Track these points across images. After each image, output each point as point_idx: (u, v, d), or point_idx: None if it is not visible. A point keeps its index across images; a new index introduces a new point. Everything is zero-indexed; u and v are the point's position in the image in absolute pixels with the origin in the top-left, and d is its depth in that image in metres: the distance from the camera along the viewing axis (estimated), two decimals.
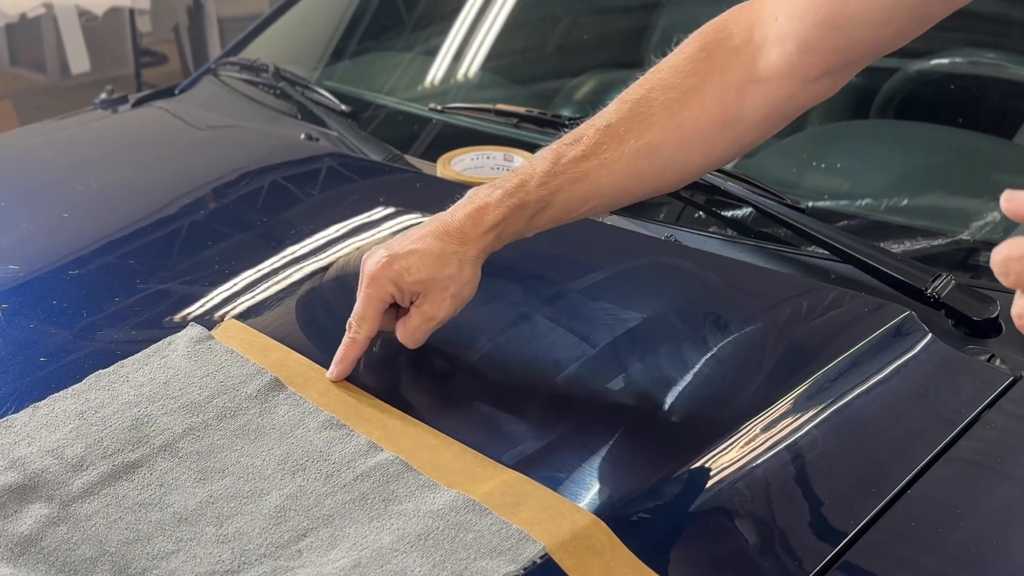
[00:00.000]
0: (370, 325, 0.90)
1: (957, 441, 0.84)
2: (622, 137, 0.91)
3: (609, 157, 0.91)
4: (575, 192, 0.91)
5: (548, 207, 0.91)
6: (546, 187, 0.91)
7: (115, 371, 0.90)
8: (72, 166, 1.38)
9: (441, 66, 1.72)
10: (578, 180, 0.91)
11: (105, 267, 1.10)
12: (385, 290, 0.90)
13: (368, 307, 0.90)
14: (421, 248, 0.90)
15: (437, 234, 0.91)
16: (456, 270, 0.90)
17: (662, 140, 0.91)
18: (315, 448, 0.81)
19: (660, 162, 0.92)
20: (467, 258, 0.90)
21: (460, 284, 0.90)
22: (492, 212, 0.91)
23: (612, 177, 0.91)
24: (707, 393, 0.89)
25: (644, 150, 0.91)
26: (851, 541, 0.75)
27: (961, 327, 0.98)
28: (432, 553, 0.71)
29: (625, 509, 0.75)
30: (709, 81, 0.90)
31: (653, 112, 0.91)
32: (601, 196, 0.93)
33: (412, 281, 0.90)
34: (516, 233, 0.93)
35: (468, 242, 0.90)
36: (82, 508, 0.76)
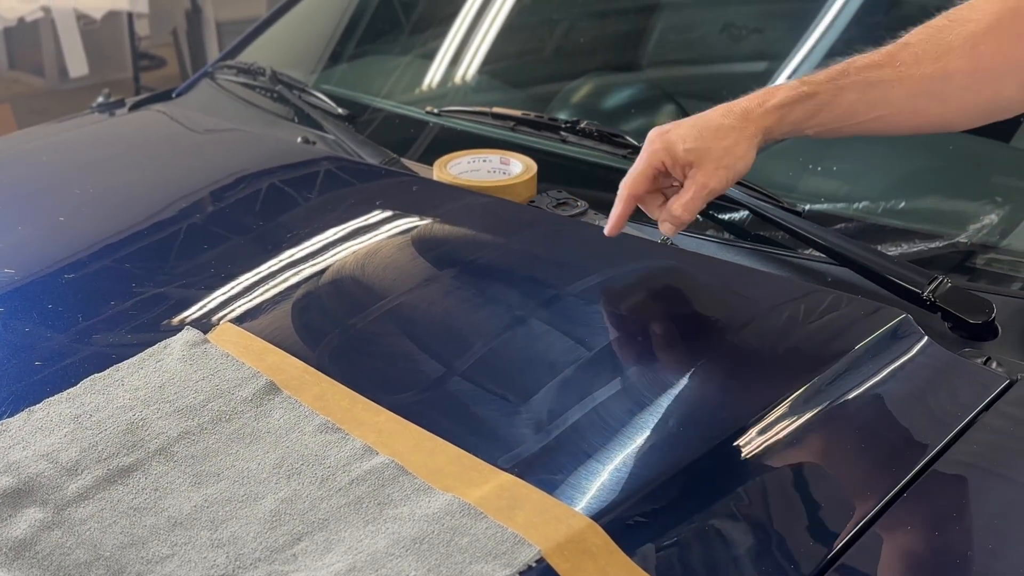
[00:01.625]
0: (640, 185, 0.95)
1: (953, 444, 0.84)
2: (918, 57, 0.92)
3: (904, 71, 0.92)
4: (865, 95, 0.92)
5: (836, 104, 0.92)
6: (836, 83, 0.92)
7: (110, 375, 0.89)
8: (68, 170, 1.38)
9: (438, 70, 1.72)
10: (871, 85, 0.92)
11: (101, 271, 1.10)
12: (658, 156, 0.93)
13: (640, 167, 0.95)
14: (701, 121, 0.93)
15: (720, 110, 0.94)
16: (732, 143, 0.92)
17: (956, 67, 0.92)
18: (310, 452, 0.81)
19: (951, 88, 0.93)
20: (745, 134, 0.92)
21: (735, 157, 0.92)
22: (780, 93, 0.92)
23: (904, 91, 0.92)
24: (703, 397, 0.89)
25: (939, 75, 0.92)
26: (847, 544, 0.75)
27: (957, 330, 0.98)
28: (427, 557, 0.70)
29: (621, 513, 0.75)
30: (1014, 25, 0.91)
31: (950, 40, 0.92)
32: (889, 107, 0.93)
33: (687, 148, 0.93)
34: (797, 123, 0.93)
35: (750, 119, 0.92)
36: (76, 512, 0.76)
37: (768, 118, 0.92)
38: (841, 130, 0.95)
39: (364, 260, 1.07)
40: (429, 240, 1.11)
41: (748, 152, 0.93)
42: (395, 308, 1.00)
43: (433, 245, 1.11)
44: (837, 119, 0.93)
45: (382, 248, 1.09)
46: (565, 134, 1.33)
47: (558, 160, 1.35)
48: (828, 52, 1.50)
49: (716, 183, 0.93)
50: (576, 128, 1.32)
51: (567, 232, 1.14)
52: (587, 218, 1.19)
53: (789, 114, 0.93)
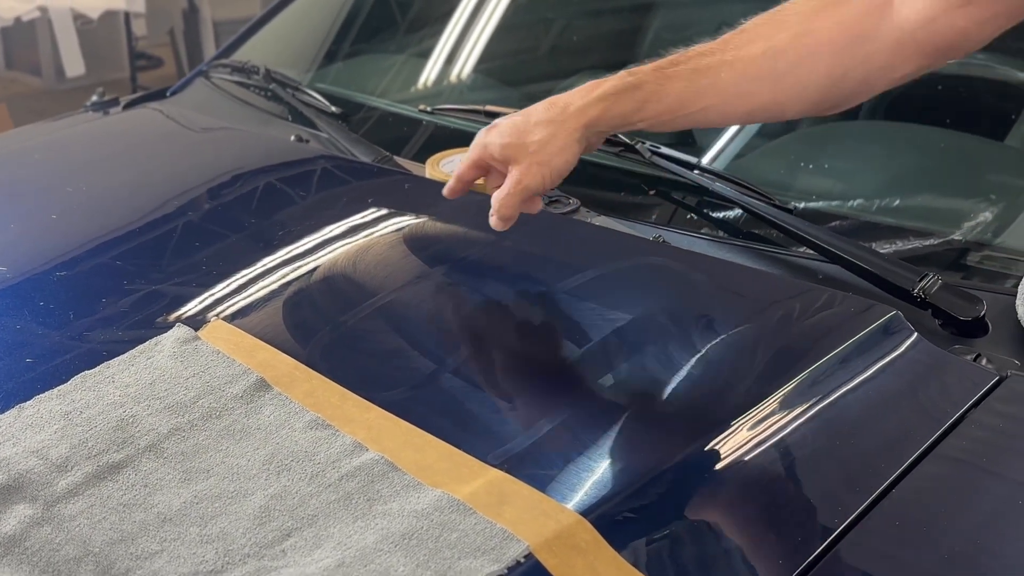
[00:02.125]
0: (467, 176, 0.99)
1: (943, 440, 0.84)
2: (751, 38, 0.91)
3: (734, 55, 0.90)
4: (693, 84, 0.90)
5: (663, 94, 0.90)
6: (663, 72, 0.91)
7: (101, 372, 0.89)
8: (61, 168, 1.38)
9: (432, 68, 1.72)
10: (698, 72, 0.90)
11: (92, 268, 1.10)
12: (474, 153, 0.95)
13: (465, 163, 0.98)
14: (522, 116, 0.93)
15: (545, 103, 0.93)
16: (548, 137, 0.91)
17: (789, 44, 0.89)
18: (300, 448, 0.81)
19: (782, 66, 0.90)
20: (564, 128, 0.91)
21: (549, 154, 0.91)
22: (605, 84, 0.91)
23: (732, 73, 0.90)
24: (693, 393, 0.89)
25: (769, 52, 0.90)
26: (836, 539, 0.75)
27: (948, 327, 0.98)
28: (416, 553, 0.71)
29: (610, 509, 0.75)
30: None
31: (788, 19, 0.91)
32: (718, 95, 0.91)
33: (502, 144, 0.93)
34: (623, 116, 0.91)
35: (569, 113, 0.91)
36: (66, 509, 0.76)
37: (590, 111, 0.90)
38: (673, 122, 0.92)
39: (356, 257, 1.07)
40: (421, 237, 1.12)
41: (567, 147, 0.91)
42: (386, 305, 1.00)
43: (425, 243, 1.11)
44: (666, 110, 0.91)
45: (374, 246, 1.09)
46: None
47: None
48: None
49: (530, 180, 0.92)
50: None
51: (559, 229, 1.14)
52: (579, 215, 1.19)
53: (614, 106, 0.90)
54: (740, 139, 1.40)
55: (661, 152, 1.24)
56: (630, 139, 1.27)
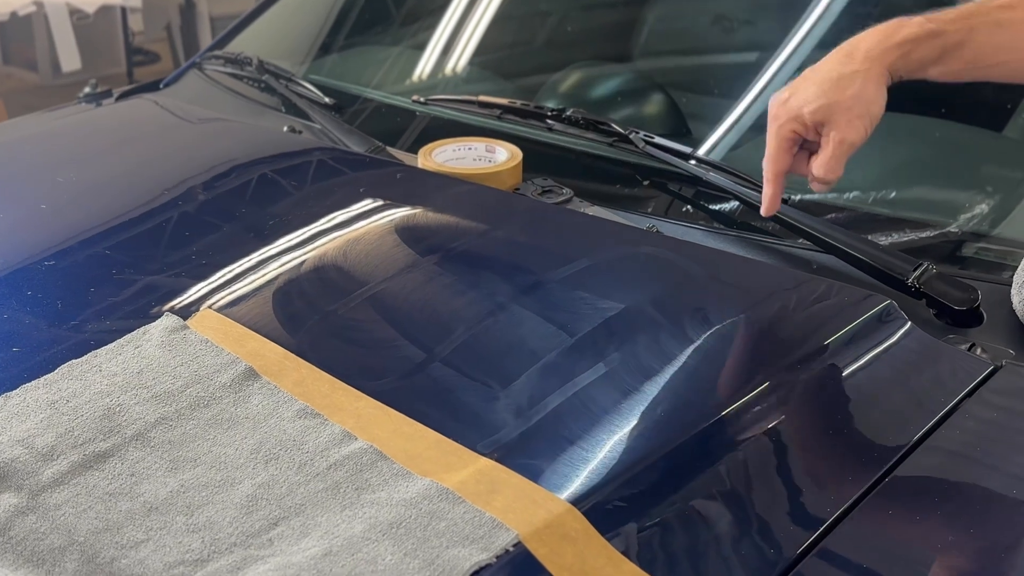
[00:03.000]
0: (780, 162, 0.91)
1: (936, 430, 0.84)
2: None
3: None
4: (994, 38, 0.88)
5: (963, 46, 0.88)
6: (965, 22, 0.88)
7: (88, 361, 0.89)
8: (51, 159, 1.37)
9: (426, 60, 1.71)
10: (1000, 25, 0.88)
11: (81, 258, 1.09)
12: (786, 127, 0.90)
13: (773, 145, 0.91)
14: (819, 76, 0.90)
15: (839, 58, 0.90)
16: (859, 89, 0.88)
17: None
18: (288, 437, 0.80)
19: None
20: (871, 76, 0.88)
21: (865, 103, 0.88)
22: (905, 29, 0.88)
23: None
24: (685, 382, 0.88)
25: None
26: (828, 529, 0.74)
27: (942, 316, 0.98)
28: (404, 541, 0.70)
29: (601, 498, 0.74)
30: None
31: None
32: (1018, 51, 0.89)
33: (812, 110, 0.89)
34: (922, 62, 0.89)
35: (872, 58, 0.88)
36: (51, 498, 0.75)
37: (891, 55, 0.88)
38: (966, 73, 0.91)
39: (347, 247, 1.06)
40: (412, 227, 1.11)
41: (878, 94, 0.88)
42: (377, 295, 0.99)
43: (416, 232, 1.10)
44: (966, 62, 0.89)
45: (365, 235, 1.08)
46: (551, 122, 1.33)
47: (545, 148, 1.34)
48: (819, 43, 1.50)
49: (854, 135, 0.89)
50: (562, 116, 1.32)
51: (552, 219, 1.14)
52: (572, 205, 1.18)
53: (913, 51, 0.88)
54: (736, 130, 1.40)
55: (655, 142, 1.24)
56: (624, 129, 1.27)
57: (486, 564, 0.68)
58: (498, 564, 0.68)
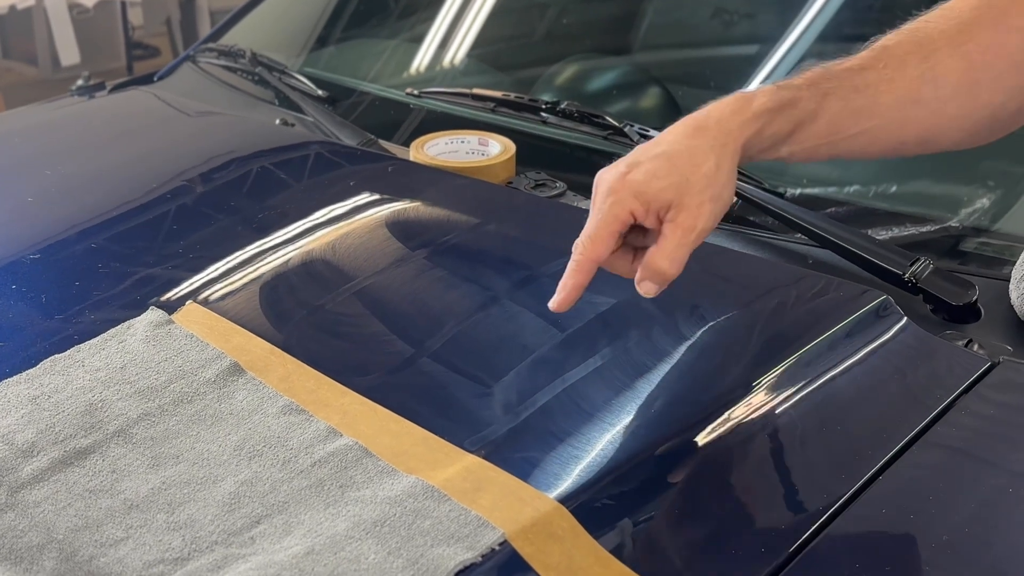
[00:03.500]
0: (601, 247, 0.76)
1: (932, 426, 0.82)
2: (902, 58, 0.81)
3: (889, 74, 0.80)
4: (851, 103, 0.80)
5: (819, 113, 0.79)
6: (819, 88, 0.79)
7: (71, 356, 0.88)
8: (40, 151, 1.36)
9: (422, 53, 1.70)
10: (856, 90, 0.80)
11: (66, 251, 1.08)
12: (624, 206, 0.75)
13: (602, 226, 0.75)
14: (669, 149, 0.76)
15: (687, 132, 0.77)
16: (713, 167, 0.75)
17: (947, 68, 0.81)
18: (273, 434, 0.79)
19: (944, 92, 0.81)
20: (726, 153, 0.76)
21: (719, 185, 0.76)
22: (759, 99, 0.78)
23: (892, 96, 0.81)
24: (678, 379, 0.87)
25: (928, 75, 0.81)
26: (821, 527, 0.73)
27: (939, 312, 0.97)
28: (388, 540, 0.69)
29: (589, 496, 0.73)
30: (1002, 18, 0.82)
31: (934, 39, 0.82)
32: (877, 118, 0.81)
33: (660, 187, 0.74)
34: (776, 137, 0.79)
35: (727, 132, 0.76)
36: (31, 495, 0.74)
37: (748, 129, 0.77)
38: (819, 150, 0.81)
39: (336, 241, 1.05)
40: (402, 221, 1.10)
41: (732, 173, 0.77)
42: (366, 289, 0.98)
43: (406, 226, 1.09)
44: (819, 134, 0.80)
45: (354, 229, 1.07)
46: (545, 115, 1.31)
47: (539, 142, 1.33)
48: (819, 36, 1.48)
49: (704, 222, 0.75)
50: (556, 109, 1.31)
51: (544, 213, 1.12)
52: (565, 199, 1.17)
53: (769, 125, 0.78)
54: None
55: (649, 135, 1.22)
56: (618, 122, 1.25)
57: (471, 563, 0.67)
58: (483, 563, 0.67)
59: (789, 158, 0.82)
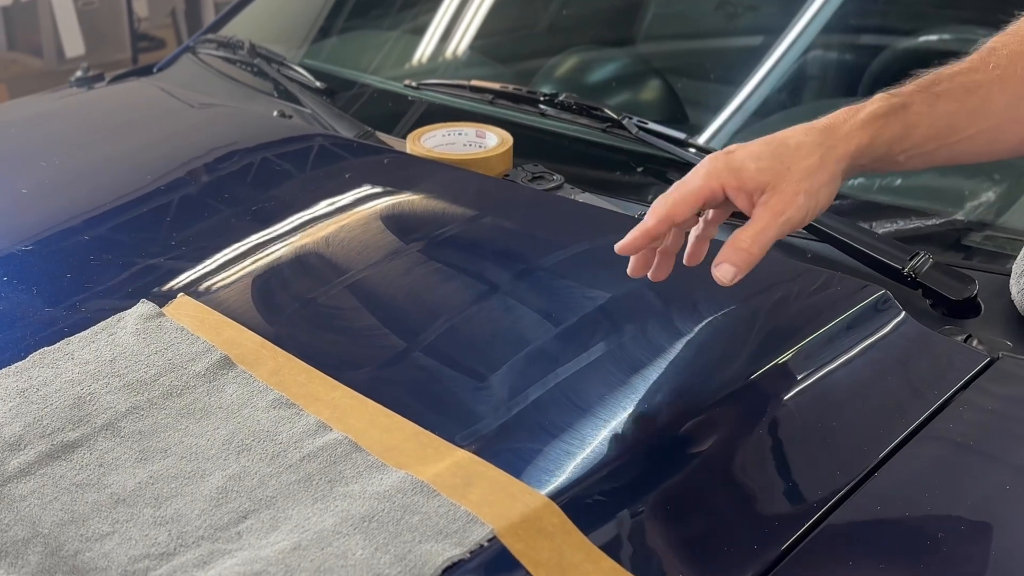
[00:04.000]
0: (683, 207, 0.76)
1: (930, 421, 0.82)
2: (1011, 58, 0.80)
3: (1000, 73, 0.79)
4: (964, 104, 0.79)
5: (932, 116, 0.78)
6: (930, 91, 0.79)
7: (60, 348, 0.87)
8: (35, 143, 1.35)
9: (423, 45, 1.69)
10: (968, 91, 0.79)
11: (59, 243, 1.07)
12: (718, 177, 0.75)
13: (690, 189, 0.75)
14: (775, 139, 0.77)
15: (800, 128, 0.78)
16: (816, 163, 0.75)
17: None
18: (262, 428, 0.78)
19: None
20: (833, 155, 0.76)
21: (819, 182, 0.75)
22: (870, 107, 0.77)
23: (1006, 94, 0.79)
24: (673, 373, 0.86)
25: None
26: (816, 522, 0.72)
27: (939, 307, 0.96)
28: (375, 536, 0.68)
29: (579, 492, 0.72)
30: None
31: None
32: (993, 117, 0.80)
33: (759, 168, 0.75)
34: (891, 142, 0.78)
35: (837, 137, 0.76)
36: (16, 488, 0.74)
37: (859, 136, 0.76)
38: (936, 153, 0.80)
39: (329, 234, 1.04)
40: (397, 214, 1.09)
41: (834, 178, 0.76)
42: (359, 283, 0.97)
43: (401, 219, 1.08)
44: (934, 136, 0.79)
45: (348, 222, 1.06)
46: (544, 107, 1.30)
47: (537, 134, 1.32)
48: (824, 28, 1.47)
49: (795, 212, 0.74)
50: (555, 101, 1.29)
51: (540, 206, 1.11)
52: (563, 192, 1.16)
53: (883, 131, 0.77)
54: (734, 116, 1.37)
55: (648, 128, 1.21)
56: (617, 115, 1.24)
57: (459, 559, 0.66)
58: (472, 559, 0.66)
59: (906, 164, 0.81)
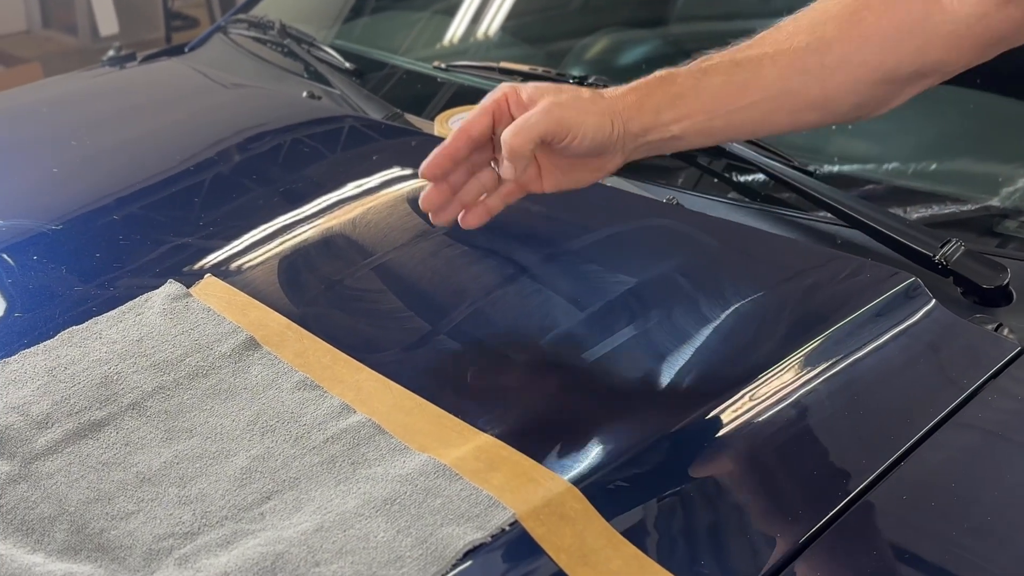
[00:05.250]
0: (470, 124, 0.85)
1: (960, 410, 0.81)
2: (792, 32, 0.84)
3: (776, 47, 0.83)
4: (733, 77, 0.83)
5: (700, 89, 0.83)
6: (697, 67, 0.84)
7: (88, 328, 0.88)
8: (67, 122, 1.36)
9: (451, 26, 1.68)
10: (737, 64, 0.83)
11: (88, 223, 1.08)
12: (502, 92, 0.84)
13: (478, 107, 0.85)
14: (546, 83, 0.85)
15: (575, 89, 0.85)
16: (583, 97, 0.83)
17: (835, 36, 0.83)
18: (286, 409, 0.79)
19: (830, 60, 0.83)
20: (597, 104, 0.83)
21: (582, 110, 0.82)
22: (634, 82, 0.84)
23: (775, 68, 0.83)
24: (699, 359, 0.85)
25: (814, 44, 0.83)
26: (844, 508, 0.72)
27: (970, 295, 0.94)
28: (397, 518, 0.68)
29: (603, 477, 0.72)
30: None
31: (831, 10, 0.84)
32: (761, 91, 0.84)
33: (536, 87, 0.83)
34: (659, 110, 0.84)
35: (604, 97, 0.84)
36: (44, 466, 0.74)
37: (625, 97, 0.82)
38: (710, 125, 0.84)
39: (356, 216, 1.04)
40: None
41: (602, 121, 0.82)
42: (385, 265, 0.97)
43: None
44: (703, 108, 0.83)
45: (375, 204, 1.06)
46: None
47: None
48: None
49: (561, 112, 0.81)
50: (585, 83, 1.28)
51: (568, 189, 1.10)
52: None
53: (648, 97, 0.82)
54: None
55: None
56: None
57: (481, 543, 0.66)
58: (493, 543, 0.67)
59: (681, 137, 0.85)
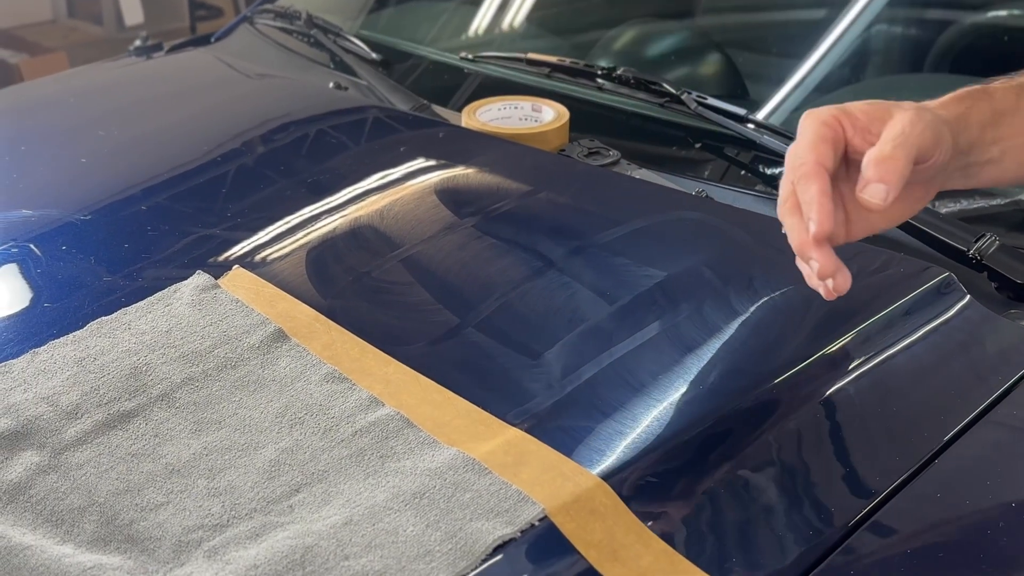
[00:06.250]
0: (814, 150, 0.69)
1: (995, 406, 0.80)
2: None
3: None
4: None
5: (1019, 108, 0.76)
6: (1013, 81, 0.77)
7: (117, 318, 0.88)
8: (94, 112, 1.36)
9: (477, 16, 1.68)
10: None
11: (116, 213, 1.08)
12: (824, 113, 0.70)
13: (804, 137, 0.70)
14: None
15: None
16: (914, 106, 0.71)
17: None
18: (315, 401, 0.78)
19: None
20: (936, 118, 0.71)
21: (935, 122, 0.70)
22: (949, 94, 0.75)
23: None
24: (729, 353, 0.84)
25: None
26: (877, 506, 0.71)
27: (1005, 290, 0.93)
28: (427, 512, 0.68)
29: (633, 472, 0.71)
30: None
31: None
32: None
33: (861, 107, 0.71)
34: (982, 125, 0.75)
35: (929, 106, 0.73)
36: (74, 457, 0.74)
37: (948, 110, 0.73)
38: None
39: (384, 207, 1.04)
40: (452, 189, 1.08)
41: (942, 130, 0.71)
42: (413, 257, 0.97)
43: (456, 194, 1.07)
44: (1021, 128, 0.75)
45: (403, 195, 1.06)
46: (601, 81, 1.28)
47: (594, 108, 1.30)
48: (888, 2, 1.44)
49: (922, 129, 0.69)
50: (612, 75, 1.28)
51: (596, 182, 1.10)
52: (619, 168, 1.14)
53: (972, 111, 0.74)
54: (796, 91, 1.35)
55: (708, 103, 1.19)
56: (676, 89, 1.22)
57: (510, 538, 0.66)
58: (523, 539, 0.66)
59: (998, 162, 0.77)
